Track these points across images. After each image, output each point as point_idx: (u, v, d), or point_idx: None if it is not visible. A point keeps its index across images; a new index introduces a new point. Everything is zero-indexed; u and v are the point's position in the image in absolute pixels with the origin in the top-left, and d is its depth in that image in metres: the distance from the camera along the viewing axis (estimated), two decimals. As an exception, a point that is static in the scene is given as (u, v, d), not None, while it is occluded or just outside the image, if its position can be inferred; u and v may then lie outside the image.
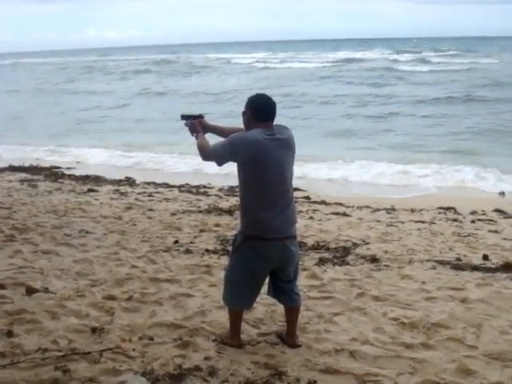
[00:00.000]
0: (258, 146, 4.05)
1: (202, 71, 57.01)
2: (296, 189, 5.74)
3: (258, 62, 64.89)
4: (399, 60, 59.25)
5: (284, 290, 4.45)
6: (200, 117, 4.64)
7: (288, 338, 4.54)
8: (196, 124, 4.54)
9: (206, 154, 4.23)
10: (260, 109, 4.21)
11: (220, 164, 4.25)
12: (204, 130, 4.55)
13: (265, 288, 4.52)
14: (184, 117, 4.64)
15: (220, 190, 12.53)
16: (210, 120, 4.73)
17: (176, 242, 7.67)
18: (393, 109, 27.65)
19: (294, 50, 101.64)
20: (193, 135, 4.53)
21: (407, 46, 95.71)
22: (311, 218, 9.60)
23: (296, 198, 4.37)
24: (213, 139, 4.43)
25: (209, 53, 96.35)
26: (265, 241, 4.16)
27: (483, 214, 10.28)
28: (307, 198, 11.59)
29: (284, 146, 4.17)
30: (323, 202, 11.26)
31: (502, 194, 12.41)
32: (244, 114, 4.30)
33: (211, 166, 5.99)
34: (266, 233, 4.15)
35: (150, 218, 9.25)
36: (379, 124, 23.73)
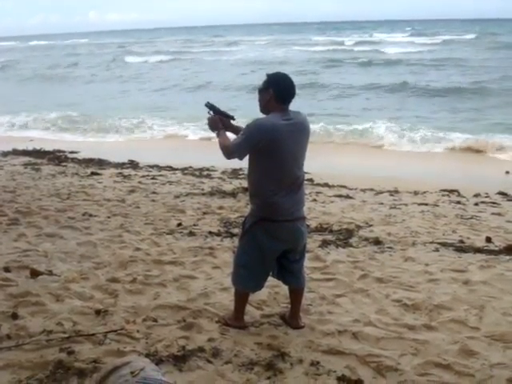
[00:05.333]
0: (276, 131, 4.00)
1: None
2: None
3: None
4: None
5: (290, 271, 4.47)
6: (231, 118, 4.53)
7: (291, 320, 4.56)
8: (217, 120, 4.45)
9: (228, 151, 4.17)
10: (285, 90, 4.11)
11: (241, 157, 4.19)
12: (225, 127, 4.47)
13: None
14: (210, 106, 4.52)
15: (223, 172, 12.50)
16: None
17: (179, 224, 7.69)
18: None
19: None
20: (213, 131, 4.45)
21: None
22: (314, 200, 9.59)
23: (304, 181, 4.36)
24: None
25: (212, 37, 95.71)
26: (276, 223, 4.18)
27: (487, 197, 10.26)
28: (310, 180, 11.57)
29: (300, 130, 4.15)
30: (326, 185, 11.25)
31: (507, 173, 12.44)
32: (263, 91, 4.17)
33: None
34: (277, 215, 4.15)
35: (153, 200, 9.26)
36: None
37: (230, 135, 4.42)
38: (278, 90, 4.10)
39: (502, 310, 4.88)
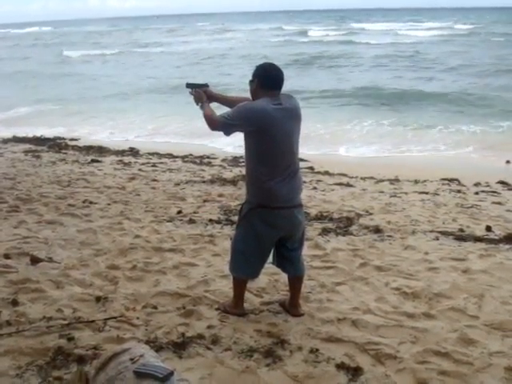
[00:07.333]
0: (265, 115, 4.02)
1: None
2: (300, 159, 5.63)
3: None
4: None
5: (289, 259, 4.47)
6: (205, 85, 4.57)
7: (291, 307, 4.57)
8: (201, 93, 4.48)
9: (213, 124, 4.17)
10: (268, 77, 4.16)
11: (228, 134, 4.20)
12: (209, 99, 4.49)
13: (269, 257, 4.53)
14: (189, 85, 4.58)
15: (223, 160, 12.52)
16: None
17: (179, 212, 7.69)
18: None
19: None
20: (197, 104, 4.47)
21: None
22: (315, 188, 9.60)
23: (300, 168, 4.36)
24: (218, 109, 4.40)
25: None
26: (272, 209, 4.17)
27: (487, 186, 10.25)
28: (311, 168, 11.58)
29: (291, 116, 4.15)
30: (327, 173, 11.24)
31: (508, 162, 12.43)
32: (251, 82, 4.25)
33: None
34: (273, 202, 4.15)
35: (153, 188, 9.27)
36: None
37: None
38: (261, 79, 4.16)
39: (501, 299, 4.89)
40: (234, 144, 13.06)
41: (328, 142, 15.18)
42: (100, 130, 17.80)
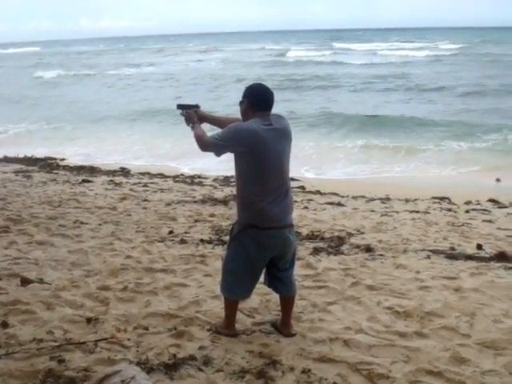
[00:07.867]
0: (255, 136, 4.04)
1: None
2: (291, 179, 5.57)
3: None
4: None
5: (280, 279, 4.46)
6: (196, 106, 4.60)
7: (282, 327, 4.55)
8: (192, 114, 4.51)
9: (204, 144, 4.20)
10: (258, 98, 4.20)
11: (219, 155, 4.23)
12: (200, 120, 4.53)
13: (260, 277, 4.52)
14: (180, 106, 4.61)
15: (215, 180, 12.53)
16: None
17: (171, 232, 7.68)
18: None
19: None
20: (188, 125, 4.50)
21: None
22: (306, 207, 9.61)
23: (291, 187, 4.37)
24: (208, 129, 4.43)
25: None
26: (263, 230, 4.16)
27: (477, 204, 10.31)
28: (302, 187, 11.62)
29: (282, 136, 4.17)
30: (318, 192, 11.28)
31: (498, 180, 12.52)
32: (241, 103, 4.28)
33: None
34: (264, 222, 4.15)
35: (144, 208, 9.25)
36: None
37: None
38: (251, 100, 4.21)
39: (492, 317, 4.89)
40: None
41: (318, 162, 15.26)
42: (89, 151, 17.79)
